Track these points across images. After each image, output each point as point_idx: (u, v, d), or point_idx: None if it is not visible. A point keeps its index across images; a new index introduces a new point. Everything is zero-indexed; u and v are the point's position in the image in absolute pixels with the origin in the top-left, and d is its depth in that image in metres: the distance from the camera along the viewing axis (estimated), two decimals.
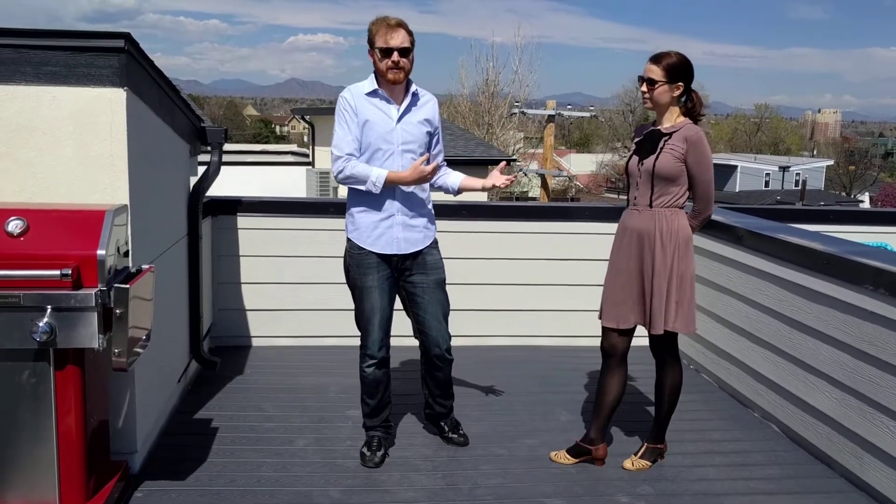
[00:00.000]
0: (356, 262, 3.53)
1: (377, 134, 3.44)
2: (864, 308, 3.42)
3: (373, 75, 3.51)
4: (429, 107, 3.58)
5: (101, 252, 2.73)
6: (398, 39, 3.39)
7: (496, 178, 3.67)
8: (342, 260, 3.63)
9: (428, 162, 3.45)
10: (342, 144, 3.46)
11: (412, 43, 3.43)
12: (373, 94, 3.48)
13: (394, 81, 3.43)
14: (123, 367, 2.77)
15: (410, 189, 3.51)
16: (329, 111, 23.13)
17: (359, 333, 3.62)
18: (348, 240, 3.58)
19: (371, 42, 3.44)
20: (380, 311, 3.53)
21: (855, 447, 3.51)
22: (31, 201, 3.05)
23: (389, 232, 3.50)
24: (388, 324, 3.57)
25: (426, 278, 3.60)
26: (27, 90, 3.04)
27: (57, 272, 2.65)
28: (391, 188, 3.46)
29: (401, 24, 3.42)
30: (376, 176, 3.40)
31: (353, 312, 3.62)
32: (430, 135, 3.59)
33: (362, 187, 3.44)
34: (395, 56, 3.38)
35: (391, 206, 3.49)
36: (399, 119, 3.48)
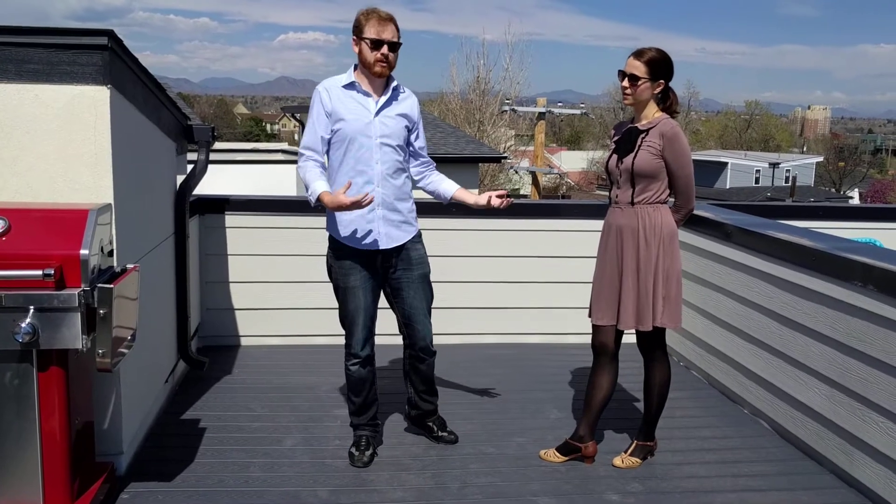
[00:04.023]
0: (338, 261, 3.51)
1: (355, 127, 3.41)
2: (854, 304, 3.41)
3: (351, 68, 3.49)
4: (408, 103, 3.56)
5: (84, 252, 2.69)
6: (389, 33, 3.37)
7: (488, 199, 3.60)
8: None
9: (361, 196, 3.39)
10: (305, 140, 3.49)
11: (399, 40, 3.42)
12: (350, 86, 3.45)
13: (380, 74, 3.41)
14: (108, 368, 2.73)
15: (391, 184, 3.48)
16: None
17: None
18: (330, 238, 3.55)
19: (359, 31, 3.40)
20: (364, 311, 3.50)
21: (844, 443, 3.51)
22: (12, 200, 3.02)
23: (371, 227, 3.47)
24: (372, 323, 3.55)
25: (411, 273, 3.58)
26: (8, 88, 3.00)
27: (39, 272, 2.62)
28: (372, 182, 3.42)
29: (392, 19, 3.39)
30: (311, 192, 3.38)
31: None
32: (409, 130, 3.56)
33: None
34: (385, 49, 3.36)
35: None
36: (377, 112, 3.45)
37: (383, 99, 3.46)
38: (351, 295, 3.49)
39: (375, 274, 3.53)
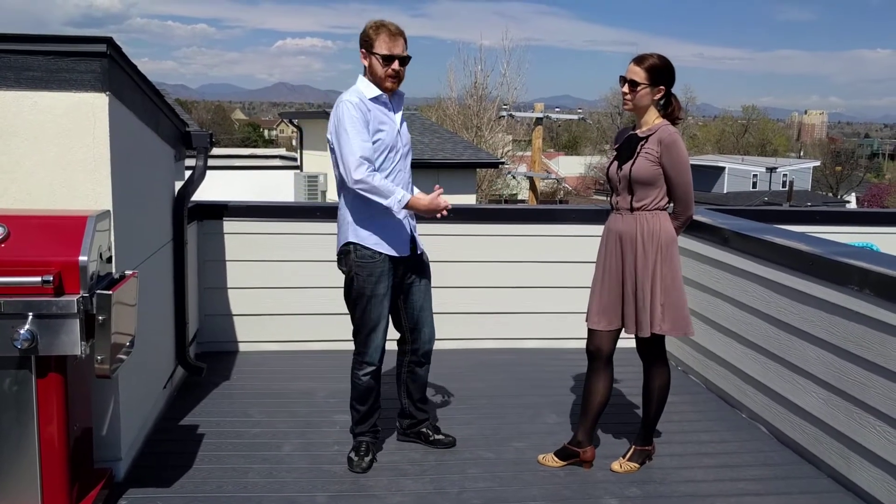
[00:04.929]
0: (368, 270, 3.45)
1: (390, 138, 3.44)
2: (850, 308, 3.42)
3: (367, 80, 3.46)
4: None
5: (83, 258, 2.70)
6: (400, 48, 3.39)
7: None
8: (333, 265, 3.59)
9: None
10: (361, 151, 3.30)
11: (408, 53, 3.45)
12: (376, 99, 3.44)
13: (391, 89, 3.44)
14: (106, 375, 2.74)
15: (412, 191, 3.54)
16: (318, 115, 23.02)
17: (347, 338, 3.60)
18: (359, 247, 3.44)
19: (369, 46, 3.39)
20: (384, 319, 3.53)
21: (842, 447, 3.51)
22: (12, 207, 3.02)
23: (406, 234, 3.53)
24: (387, 331, 3.57)
25: (423, 276, 3.66)
26: (7, 95, 3.01)
27: (38, 279, 2.63)
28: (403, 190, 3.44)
29: (401, 33, 3.41)
30: (402, 196, 3.34)
31: (340, 317, 3.60)
32: None
33: (383, 202, 3.31)
34: (396, 65, 3.38)
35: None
36: (400, 124, 3.52)
37: (400, 112, 3.53)
38: (377, 303, 3.48)
39: (396, 282, 3.56)
